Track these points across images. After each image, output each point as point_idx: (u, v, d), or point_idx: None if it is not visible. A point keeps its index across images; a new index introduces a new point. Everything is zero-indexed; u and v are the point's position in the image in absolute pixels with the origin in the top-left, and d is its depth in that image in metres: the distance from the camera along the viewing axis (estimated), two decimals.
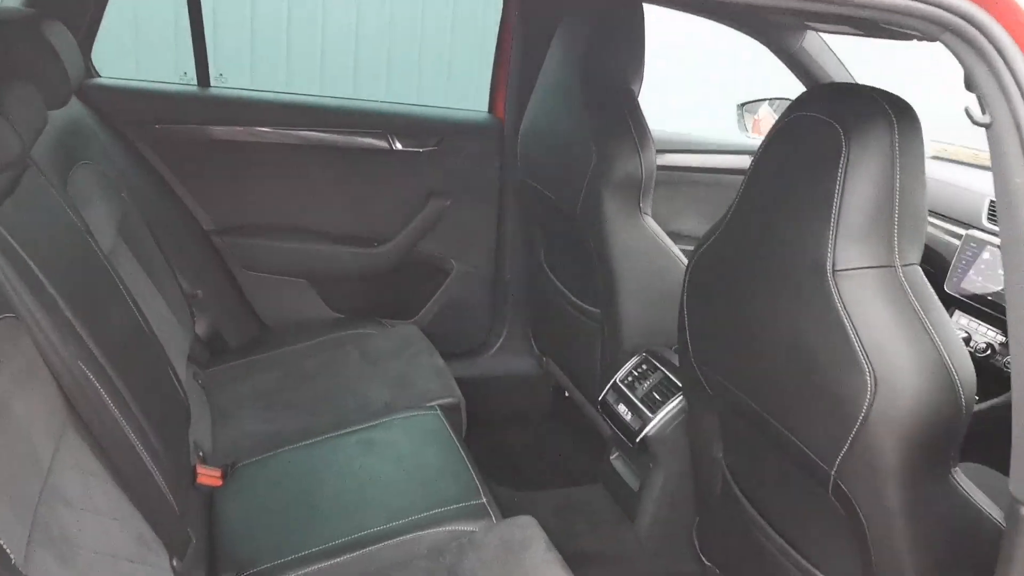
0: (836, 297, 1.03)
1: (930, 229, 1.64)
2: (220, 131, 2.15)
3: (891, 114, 1.02)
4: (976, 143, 1.82)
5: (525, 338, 2.43)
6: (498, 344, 2.44)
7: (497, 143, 2.28)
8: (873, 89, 1.06)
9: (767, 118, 2.97)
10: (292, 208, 2.23)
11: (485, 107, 2.34)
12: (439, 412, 1.72)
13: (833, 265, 1.03)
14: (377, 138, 2.19)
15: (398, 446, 1.60)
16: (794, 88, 2.63)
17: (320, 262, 2.27)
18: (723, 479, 1.46)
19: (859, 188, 1.02)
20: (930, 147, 2.00)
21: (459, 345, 2.40)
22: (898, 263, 1.03)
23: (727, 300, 1.24)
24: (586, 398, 2.04)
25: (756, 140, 2.92)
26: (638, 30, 1.71)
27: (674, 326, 1.84)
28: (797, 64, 2.47)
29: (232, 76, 3.90)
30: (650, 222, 1.75)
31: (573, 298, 1.97)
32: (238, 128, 2.15)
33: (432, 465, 1.56)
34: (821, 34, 2.29)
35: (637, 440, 1.65)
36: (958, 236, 1.76)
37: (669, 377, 1.67)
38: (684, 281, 1.37)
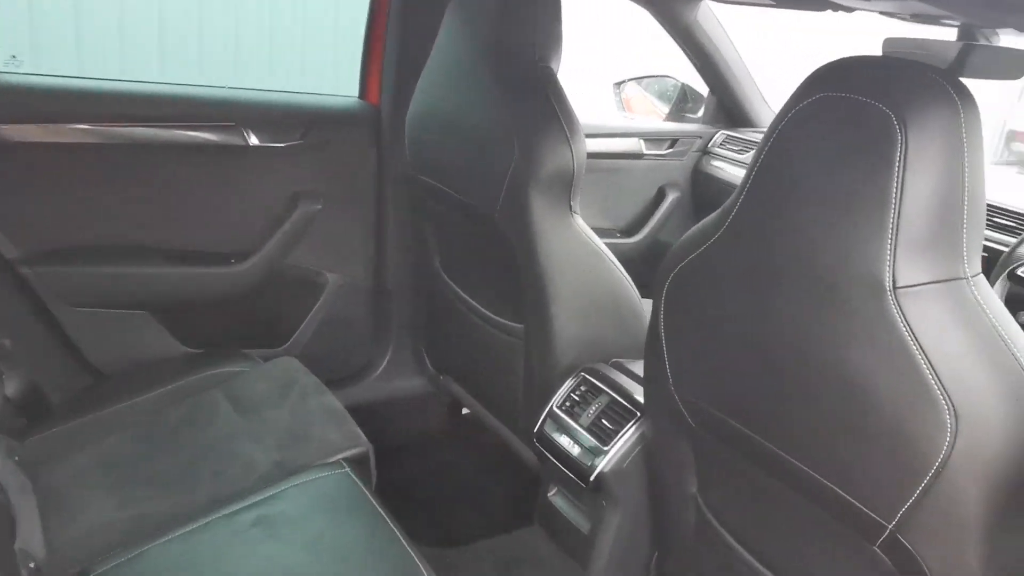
0: (900, 319, 0.83)
1: None
2: (15, 130, 1.67)
3: (955, 97, 0.83)
4: None
5: (416, 354, 2.14)
6: (384, 363, 2.13)
7: (373, 133, 1.95)
8: (925, 65, 0.87)
9: (637, 96, 2.82)
10: (123, 224, 1.79)
11: (355, 92, 2.00)
12: (347, 469, 1.40)
13: (894, 281, 0.84)
14: (228, 132, 1.79)
15: (306, 523, 1.27)
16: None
17: (164, 288, 1.84)
18: (698, 516, 1.26)
19: (923, 187, 0.83)
20: None
21: (340, 369, 2.07)
22: (967, 274, 0.85)
23: (732, 323, 1.03)
24: (504, 423, 1.79)
25: (635, 120, 2.79)
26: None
27: (613, 339, 1.62)
28: (689, 38, 2.32)
29: (33, 58, 3.10)
30: (580, 222, 1.51)
31: (485, 310, 1.70)
32: (42, 126, 1.68)
33: (354, 543, 1.25)
34: (715, 5, 2.14)
35: (591, 479, 1.41)
36: None
37: (617, 400, 1.45)
38: (660, 298, 1.14)
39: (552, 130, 1.41)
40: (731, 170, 2.45)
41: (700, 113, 2.62)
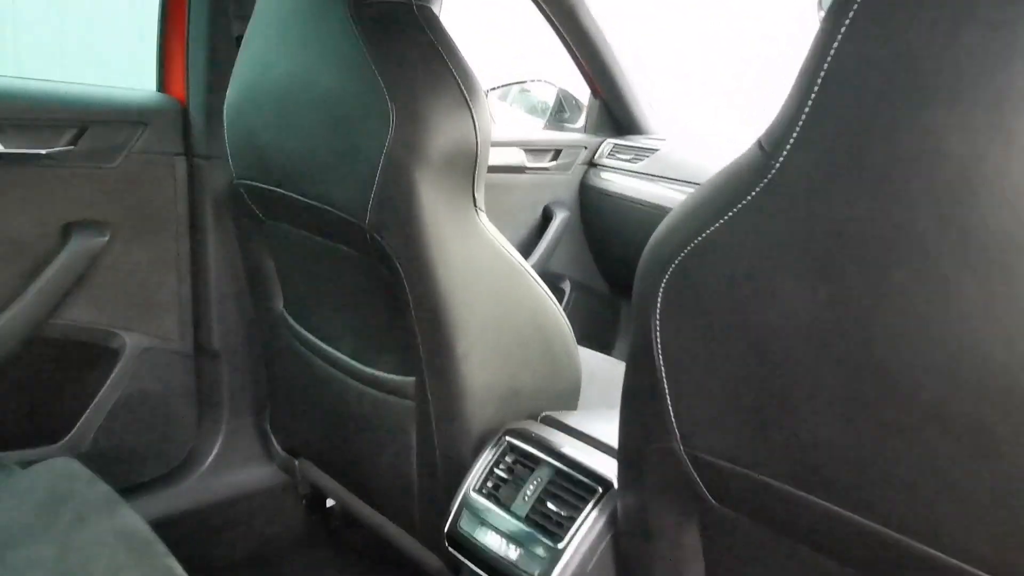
0: None
1: None
2: None
3: None
4: None
5: (259, 435, 1.60)
6: (213, 453, 1.57)
7: (179, 137, 1.43)
8: None
9: (503, 112, 2.44)
10: None
11: (151, 86, 1.48)
12: None
13: None
14: None
15: None
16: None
17: None
18: None
19: None
20: None
21: (147, 469, 1.50)
22: None
23: (791, 324, 0.61)
24: (392, 519, 1.29)
25: (514, 128, 2.39)
26: None
27: (542, 385, 1.18)
28: (572, 26, 1.97)
29: None
30: (489, 225, 1.07)
31: (356, 363, 1.21)
32: None
33: None
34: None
35: None
36: None
37: (565, 471, 1.00)
38: (652, 308, 0.71)
39: (443, 89, 0.98)
40: (623, 182, 2.11)
41: (580, 123, 2.28)
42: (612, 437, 1.07)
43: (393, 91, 0.96)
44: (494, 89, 2.31)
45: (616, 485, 0.95)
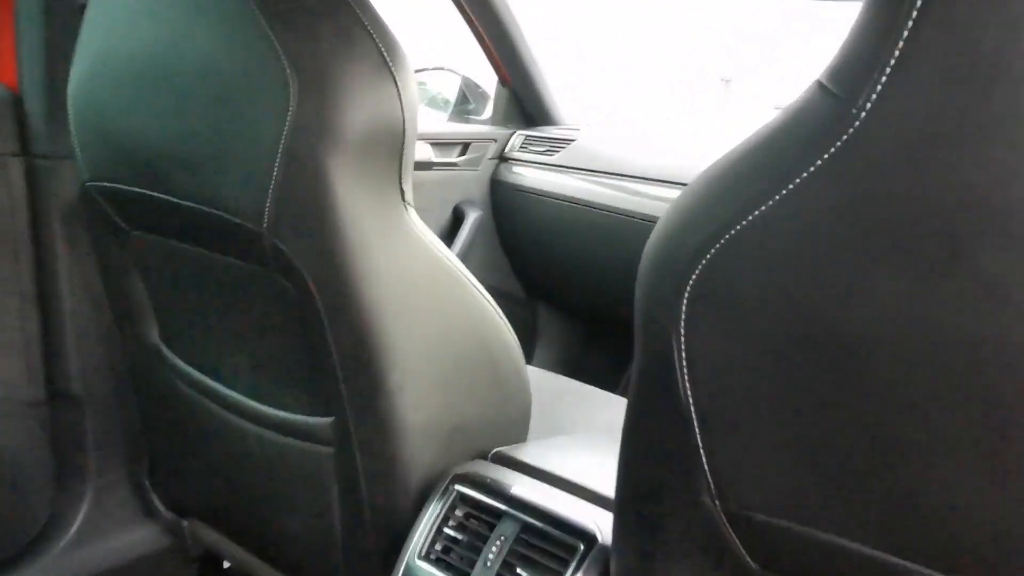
0: None
1: None
2: None
3: None
4: None
5: (136, 492, 1.33)
6: (79, 519, 1.29)
7: (12, 133, 1.14)
8: None
9: None
10: None
11: None
12: None
13: None
14: None
15: None
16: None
17: None
18: None
19: None
20: None
21: None
22: None
23: (877, 335, 0.44)
24: None
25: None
26: None
27: (491, 416, 0.98)
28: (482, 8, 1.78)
29: None
30: (419, 221, 0.87)
31: (252, 403, 0.98)
32: None
33: None
34: None
35: None
36: None
37: (536, 526, 0.80)
38: (677, 319, 0.53)
39: (358, 53, 0.76)
40: (536, 175, 1.94)
41: (486, 114, 2.09)
42: (581, 473, 0.88)
43: (293, 56, 0.74)
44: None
45: (600, 538, 0.77)
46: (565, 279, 1.98)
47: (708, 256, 0.51)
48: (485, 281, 2.05)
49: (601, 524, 0.77)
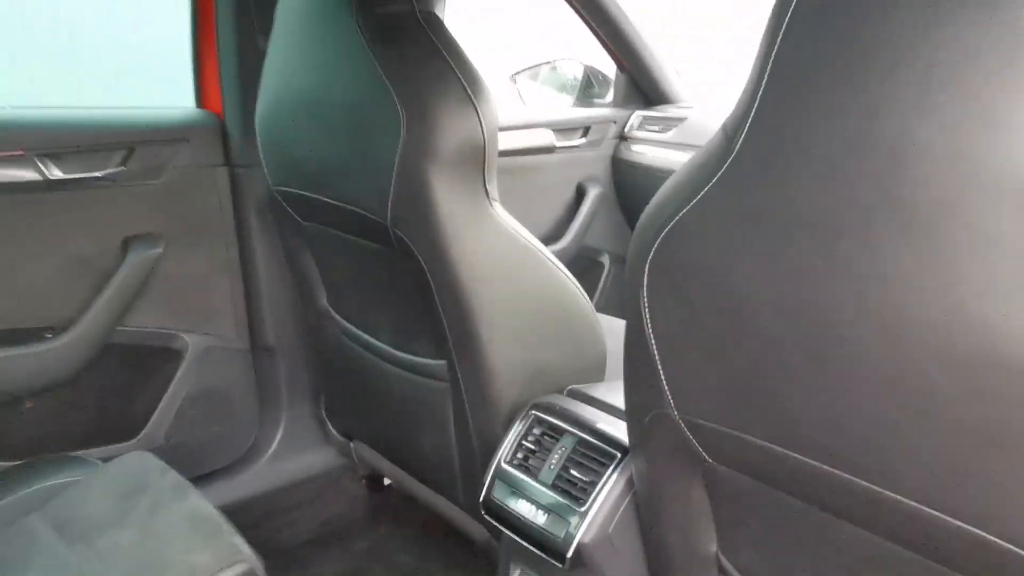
0: None
1: None
2: None
3: None
4: None
5: (316, 421, 1.70)
6: (276, 441, 1.69)
7: (219, 149, 1.53)
8: None
9: (532, 92, 2.48)
10: None
11: (190, 102, 1.58)
12: None
13: None
14: (16, 165, 1.34)
15: None
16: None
17: None
18: None
19: None
20: None
21: (215, 459, 1.62)
22: None
23: (765, 295, 0.66)
24: (441, 492, 1.38)
25: (541, 108, 2.44)
26: None
27: (566, 361, 1.24)
28: (593, 6, 2.00)
29: None
30: (503, 213, 1.14)
31: (394, 351, 1.30)
32: None
33: None
34: None
35: (568, 555, 1.02)
36: None
37: (587, 440, 1.07)
38: (640, 280, 0.77)
39: (448, 89, 1.04)
40: (654, 153, 2.14)
41: (609, 97, 2.31)
42: None
43: (401, 95, 1.03)
44: (523, 71, 2.36)
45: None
46: None
47: (659, 240, 0.74)
48: (610, 250, 2.28)
49: None
